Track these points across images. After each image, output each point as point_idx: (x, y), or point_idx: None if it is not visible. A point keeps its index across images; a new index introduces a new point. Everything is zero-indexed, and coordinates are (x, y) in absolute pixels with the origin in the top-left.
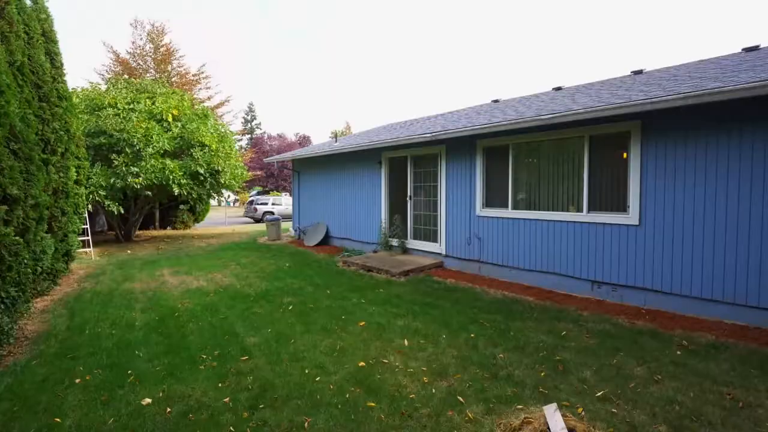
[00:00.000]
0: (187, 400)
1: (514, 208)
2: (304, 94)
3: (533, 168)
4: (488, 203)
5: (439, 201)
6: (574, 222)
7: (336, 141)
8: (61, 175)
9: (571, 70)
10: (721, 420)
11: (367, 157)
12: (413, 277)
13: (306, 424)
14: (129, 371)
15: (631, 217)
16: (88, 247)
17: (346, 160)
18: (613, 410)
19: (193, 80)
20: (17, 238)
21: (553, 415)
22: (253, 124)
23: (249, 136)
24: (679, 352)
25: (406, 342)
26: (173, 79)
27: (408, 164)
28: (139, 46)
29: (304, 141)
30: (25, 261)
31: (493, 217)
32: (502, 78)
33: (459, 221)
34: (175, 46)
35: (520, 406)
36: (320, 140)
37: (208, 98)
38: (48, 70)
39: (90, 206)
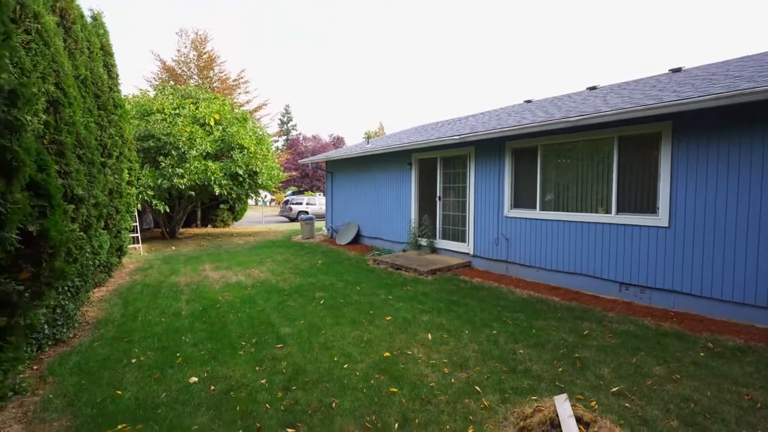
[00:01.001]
0: (228, 380)
1: (542, 209)
2: (338, 95)
3: (562, 169)
4: (516, 204)
5: (467, 202)
6: (603, 223)
7: (368, 143)
8: (116, 176)
9: (614, 69)
10: (736, 419)
11: (397, 158)
12: (440, 276)
13: (333, 405)
14: (177, 354)
15: (661, 218)
16: (138, 243)
17: (377, 162)
18: (627, 405)
19: (232, 85)
20: (81, 233)
21: (562, 404)
22: (289, 125)
23: (285, 137)
24: (702, 354)
25: (429, 336)
26: (215, 84)
27: (437, 165)
28: (184, 54)
29: (337, 142)
30: (87, 254)
31: (520, 217)
32: (542, 77)
33: (487, 222)
34: (216, 52)
35: (534, 398)
36: (354, 141)
37: (247, 102)
38: (105, 81)
39: (139, 205)
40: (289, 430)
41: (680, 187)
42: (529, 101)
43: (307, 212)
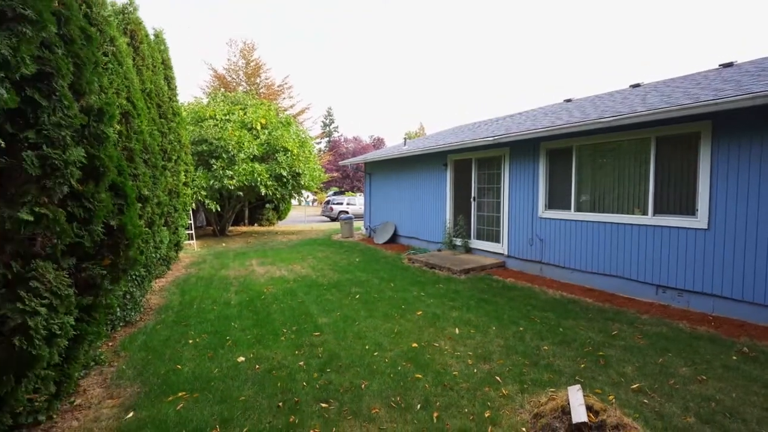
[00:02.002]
0: (271, 361)
1: (577, 210)
2: (380, 96)
3: (597, 170)
4: (551, 205)
5: (502, 202)
6: (639, 225)
7: (405, 144)
8: (174, 178)
9: (666, 64)
10: (757, 419)
11: (433, 159)
12: (473, 275)
13: (363, 386)
14: (227, 337)
15: (700, 220)
16: (192, 239)
17: (413, 163)
18: (645, 401)
19: (277, 90)
20: (147, 229)
21: (575, 393)
22: (331, 127)
23: (327, 138)
24: (735, 358)
25: (457, 330)
26: (261, 90)
27: (472, 166)
28: (233, 62)
29: (378, 143)
30: (151, 248)
31: (555, 218)
32: (594, 73)
33: (521, 222)
34: (262, 60)
35: (552, 389)
36: (394, 142)
37: (291, 106)
38: (166, 92)
39: (193, 204)
40: (322, 404)
41: (720, 188)
42: (568, 100)
43: (347, 212)
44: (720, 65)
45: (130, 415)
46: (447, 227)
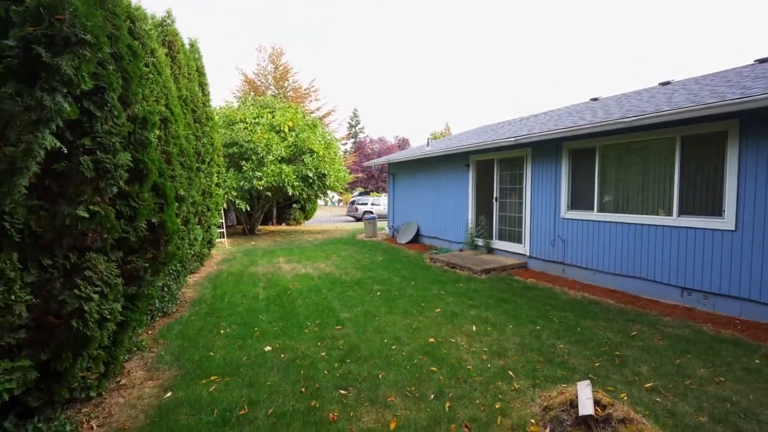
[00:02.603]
0: (295, 351)
1: (600, 210)
2: (405, 97)
3: (621, 170)
4: (573, 205)
5: (524, 203)
6: (663, 226)
7: (428, 145)
8: (207, 179)
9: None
10: None
11: (455, 160)
12: (494, 275)
13: (380, 376)
14: (255, 328)
15: (727, 221)
16: (224, 237)
17: (436, 163)
18: (658, 399)
19: (304, 94)
20: (183, 227)
21: (584, 388)
22: (357, 128)
23: (353, 139)
24: (757, 361)
25: (474, 327)
26: (289, 93)
27: (494, 167)
28: (262, 67)
29: (402, 143)
30: (186, 245)
31: (577, 219)
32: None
33: (543, 223)
34: (290, 64)
35: (564, 385)
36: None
37: (317, 109)
38: (200, 98)
39: (225, 204)
40: (342, 391)
41: (748, 189)
42: (595, 99)
43: (371, 212)
44: (755, 61)
45: (169, 394)
46: (469, 227)
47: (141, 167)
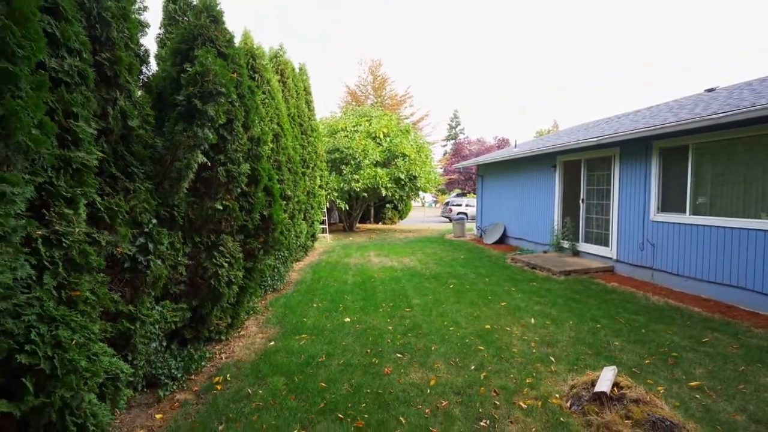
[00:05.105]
0: (368, 324)
1: (693, 213)
2: (509, 96)
3: (717, 170)
4: (663, 208)
5: (611, 204)
6: (766, 231)
7: (515, 146)
8: (311, 182)
9: None
10: None
11: (542, 161)
12: (573, 277)
13: (432, 348)
14: (340, 305)
15: None
16: (326, 233)
17: (523, 164)
18: (697, 396)
19: (400, 101)
20: (289, 221)
21: (607, 372)
22: (456, 129)
23: (453, 141)
24: None
25: (533, 320)
26: (386, 101)
27: (581, 167)
28: (363, 78)
29: (502, 143)
30: (292, 236)
31: (668, 222)
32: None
33: (631, 226)
34: (387, 74)
35: (595, 371)
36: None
37: (411, 114)
38: (306, 114)
39: (327, 204)
40: (398, 354)
41: None
42: (711, 89)
43: (465, 213)
44: None
45: (272, 343)
46: (554, 229)
47: (256, 174)
